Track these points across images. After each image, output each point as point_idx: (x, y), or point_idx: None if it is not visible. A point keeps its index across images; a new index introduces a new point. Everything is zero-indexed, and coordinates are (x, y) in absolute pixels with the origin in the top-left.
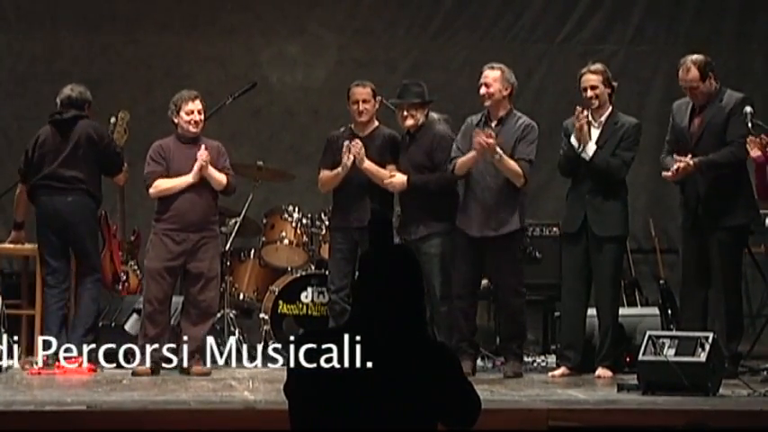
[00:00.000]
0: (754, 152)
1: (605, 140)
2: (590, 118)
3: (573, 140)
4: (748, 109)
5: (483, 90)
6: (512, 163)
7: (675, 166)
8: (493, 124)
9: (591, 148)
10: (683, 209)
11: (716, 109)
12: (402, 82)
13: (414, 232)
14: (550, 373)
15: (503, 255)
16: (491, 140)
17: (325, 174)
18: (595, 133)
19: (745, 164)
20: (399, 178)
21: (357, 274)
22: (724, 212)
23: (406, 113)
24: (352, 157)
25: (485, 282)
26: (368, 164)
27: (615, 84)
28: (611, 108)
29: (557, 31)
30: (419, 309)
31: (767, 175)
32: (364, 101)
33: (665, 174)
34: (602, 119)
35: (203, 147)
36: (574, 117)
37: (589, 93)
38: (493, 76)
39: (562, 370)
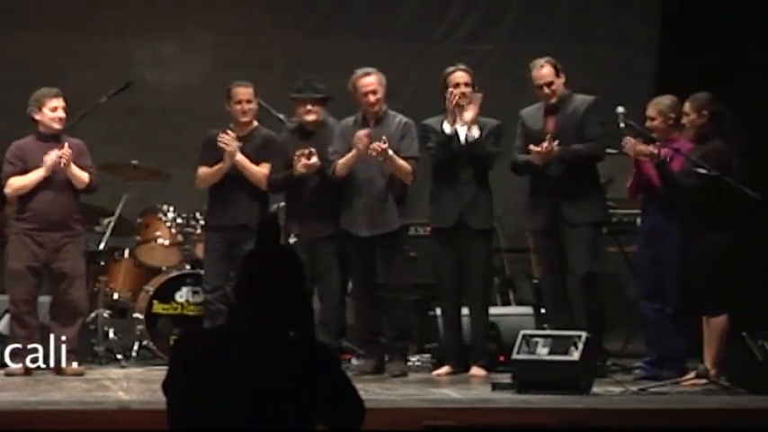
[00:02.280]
0: (637, 148)
1: (472, 138)
2: (458, 116)
3: (445, 126)
4: (621, 109)
5: (372, 98)
6: (401, 161)
7: (538, 149)
8: (371, 124)
9: (475, 132)
10: (537, 212)
11: (569, 111)
12: (303, 77)
13: (310, 231)
14: (435, 372)
15: (391, 252)
16: (383, 145)
17: (204, 169)
18: (462, 132)
19: (596, 165)
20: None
21: (239, 273)
22: (580, 211)
23: (309, 108)
24: (229, 149)
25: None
26: (240, 157)
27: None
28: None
29: (432, 30)
30: (302, 309)
31: (642, 174)
32: (247, 101)
33: (527, 158)
34: (469, 119)
35: (66, 144)
36: (449, 96)
37: (463, 88)
38: (377, 80)
39: (446, 369)
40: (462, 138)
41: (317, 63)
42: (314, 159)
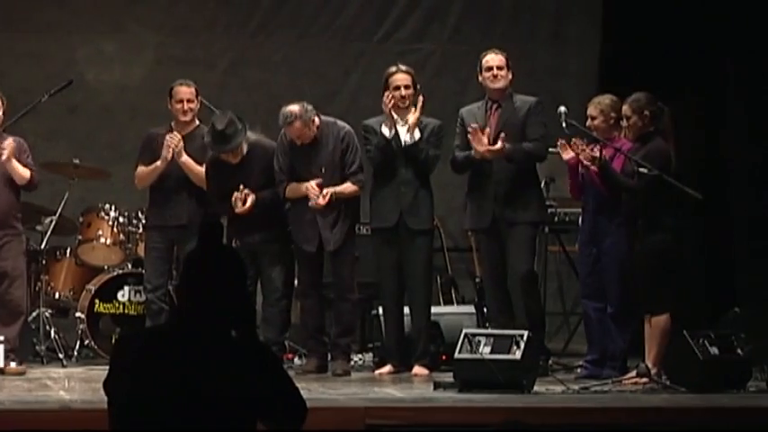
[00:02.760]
0: (567, 154)
1: (411, 140)
2: (396, 117)
3: (384, 129)
4: (562, 109)
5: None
6: (348, 191)
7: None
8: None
9: (416, 135)
10: (477, 211)
11: (510, 110)
12: (211, 124)
13: (251, 243)
14: (377, 371)
15: (340, 254)
16: (321, 202)
17: (142, 169)
18: (402, 132)
19: (536, 165)
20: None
21: (181, 273)
22: (520, 210)
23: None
24: (171, 151)
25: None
26: (186, 158)
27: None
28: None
29: (375, 29)
30: (243, 309)
31: (579, 175)
32: (188, 100)
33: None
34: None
35: (10, 139)
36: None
37: (402, 91)
38: (299, 124)
39: (388, 368)
40: (402, 140)
41: (259, 62)
42: (249, 201)
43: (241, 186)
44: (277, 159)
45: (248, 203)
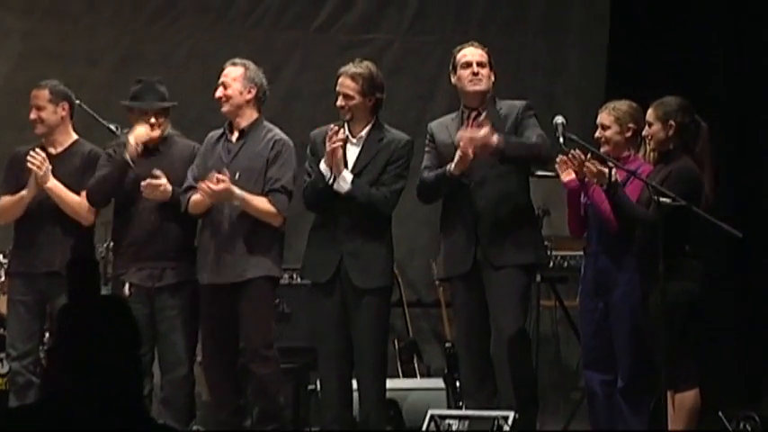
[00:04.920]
0: (567, 175)
1: (366, 162)
2: (347, 132)
3: (323, 167)
4: (559, 119)
5: (219, 92)
6: (257, 202)
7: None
8: (234, 138)
9: (347, 177)
10: (452, 251)
11: (494, 119)
12: (137, 78)
13: (148, 277)
14: None
15: (247, 307)
16: (221, 186)
17: (6, 199)
18: (353, 152)
19: (529, 194)
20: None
21: (53, 334)
22: (510, 248)
23: (153, 121)
24: (41, 172)
25: None
26: (54, 184)
27: (381, 96)
28: (374, 120)
29: (312, 15)
30: (133, 380)
31: (581, 204)
32: (38, 107)
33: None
34: (363, 133)
35: None
36: (329, 132)
37: (340, 100)
38: (233, 75)
39: None
40: (341, 185)
41: (159, 56)
42: (163, 181)
43: (156, 171)
44: (198, 160)
45: (163, 186)
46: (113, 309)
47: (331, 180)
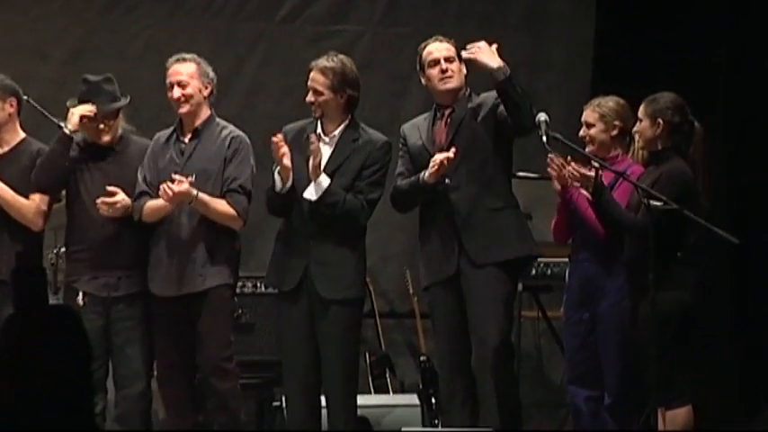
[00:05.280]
0: (556, 184)
1: (339, 163)
2: (319, 131)
3: (276, 177)
4: (542, 116)
5: (177, 92)
6: (217, 204)
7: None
8: (186, 138)
9: (323, 183)
10: (430, 256)
11: (466, 110)
12: (84, 77)
13: (103, 286)
14: None
15: (206, 319)
16: (182, 188)
17: None
18: (325, 152)
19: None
20: None
21: None
22: (492, 244)
23: (102, 125)
24: None
25: None
26: (0, 187)
27: (355, 93)
28: (348, 119)
29: (277, 5)
30: (84, 396)
31: (572, 208)
32: None
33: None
34: (336, 132)
35: None
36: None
37: (309, 96)
38: (189, 72)
39: None
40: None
41: (112, 49)
42: (119, 197)
43: (109, 188)
44: (146, 164)
45: (120, 203)
46: (62, 319)
47: (281, 189)
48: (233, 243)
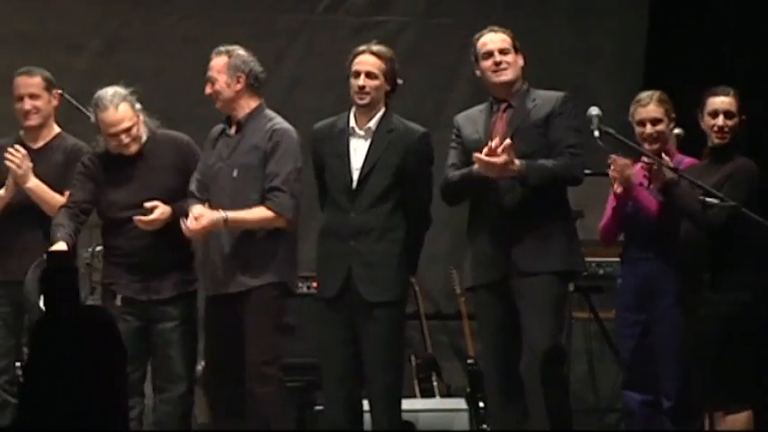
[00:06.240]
0: (620, 185)
1: (377, 157)
2: (352, 121)
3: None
4: (595, 111)
5: (208, 88)
6: (253, 216)
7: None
8: (233, 131)
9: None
10: (479, 258)
11: (525, 110)
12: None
13: (143, 289)
14: None
15: (247, 320)
16: (201, 224)
17: None
18: (362, 146)
19: (566, 193)
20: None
21: (29, 349)
22: (542, 254)
23: (124, 140)
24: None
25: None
26: (35, 183)
27: (399, 81)
28: (384, 110)
29: None
30: (118, 399)
31: (622, 210)
32: (31, 95)
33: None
34: (371, 124)
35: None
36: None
37: (362, 80)
38: (217, 67)
39: None
40: (352, 170)
41: (146, 43)
42: (159, 212)
43: (147, 204)
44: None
45: (156, 214)
46: (94, 321)
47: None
48: (281, 241)
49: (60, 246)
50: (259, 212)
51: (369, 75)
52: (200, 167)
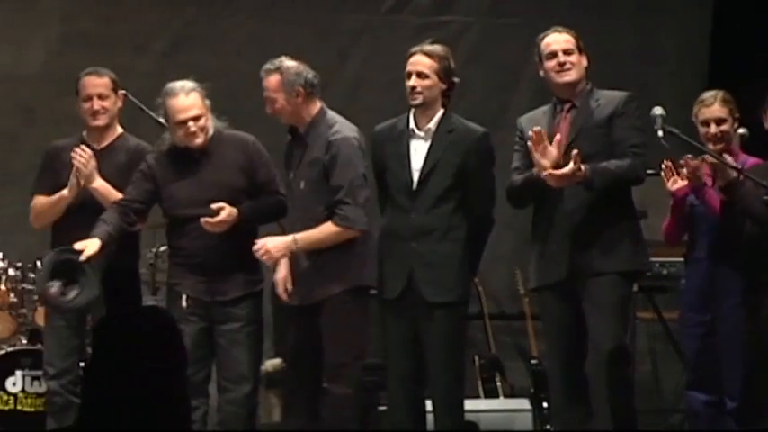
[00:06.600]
0: (674, 183)
1: (438, 157)
2: (412, 122)
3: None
4: (658, 111)
5: (268, 108)
6: (320, 236)
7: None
8: (297, 141)
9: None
10: (543, 258)
11: (589, 110)
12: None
13: (209, 290)
14: None
15: (328, 322)
16: (270, 258)
17: (41, 200)
18: (422, 147)
19: (630, 193)
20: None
21: (91, 350)
22: (607, 254)
23: (192, 128)
24: (80, 174)
25: (274, 361)
26: (100, 184)
27: (454, 81)
28: (443, 111)
29: None
30: (180, 400)
31: (684, 211)
32: (100, 96)
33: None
34: (431, 125)
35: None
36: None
37: (413, 80)
38: (272, 86)
39: None
40: (413, 172)
41: (212, 43)
42: (225, 213)
43: (213, 206)
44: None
45: (223, 215)
46: (155, 321)
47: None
48: (355, 245)
49: (92, 243)
50: (328, 229)
51: (420, 75)
52: (282, 177)
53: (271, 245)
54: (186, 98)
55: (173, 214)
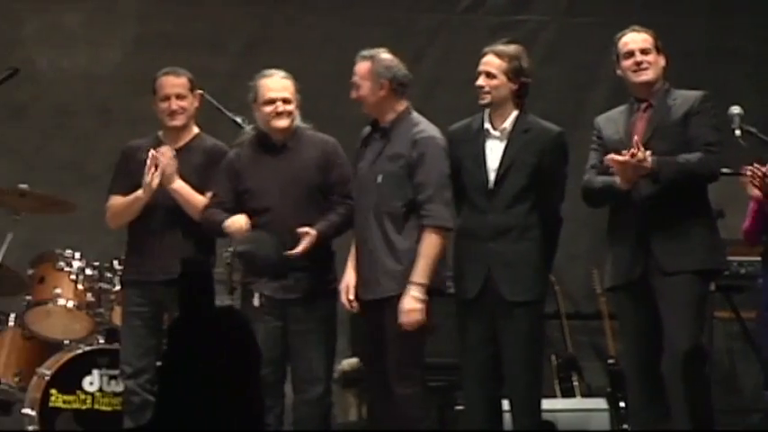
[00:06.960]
0: (755, 190)
1: (514, 156)
2: (487, 122)
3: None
4: (736, 110)
5: (353, 93)
6: (428, 250)
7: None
8: (378, 136)
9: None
10: (618, 258)
11: (665, 109)
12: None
13: (286, 289)
14: None
15: (388, 321)
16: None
17: (117, 201)
18: (498, 147)
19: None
20: None
21: (165, 350)
22: (682, 253)
23: (281, 108)
24: (159, 174)
25: (351, 360)
26: (180, 185)
27: (527, 81)
28: (518, 110)
29: None
30: (254, 400)
31: (762, 214)
32: (178, 96)
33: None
34: (507, 125)
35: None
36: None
37: (481, 80)
38: (361, 72)
39: None
40: (488, 172)
41: (289, 43)
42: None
43: (299, 230)
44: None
45: (304, 245)
46: (229, 321)
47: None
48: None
49: (238, 218)
50: (428, 243)
51: (488, 75)
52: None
53: (408, 306)
54: (281, 80)
55: (250, 206)
